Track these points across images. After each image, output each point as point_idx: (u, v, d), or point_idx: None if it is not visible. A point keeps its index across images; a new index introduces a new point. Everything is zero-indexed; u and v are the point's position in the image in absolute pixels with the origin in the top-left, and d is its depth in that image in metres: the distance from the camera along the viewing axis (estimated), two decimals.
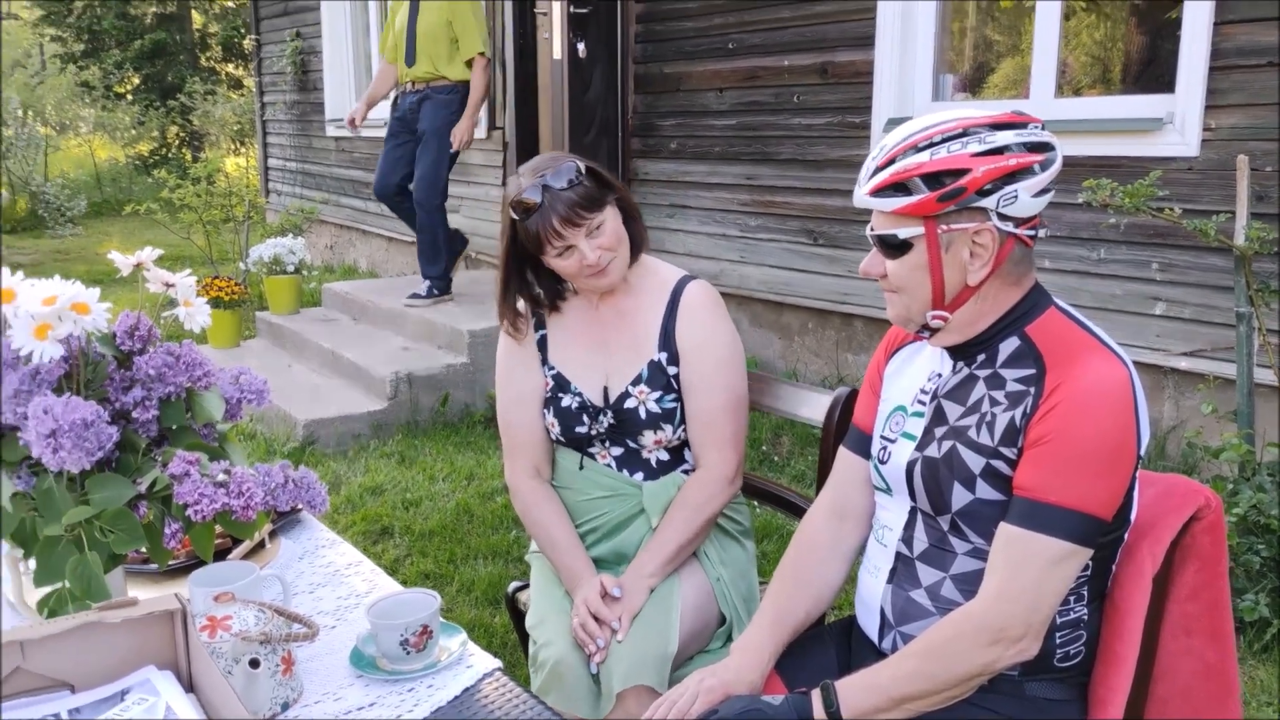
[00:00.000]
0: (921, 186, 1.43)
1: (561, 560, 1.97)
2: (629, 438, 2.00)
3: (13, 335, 1.30)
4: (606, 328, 2.04)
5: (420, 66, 5.39)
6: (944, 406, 1.56)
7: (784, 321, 4.97)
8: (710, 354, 1.99)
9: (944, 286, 1.48)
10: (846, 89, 4.48)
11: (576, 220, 1.87)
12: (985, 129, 1.44)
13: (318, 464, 4.31)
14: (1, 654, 1.11)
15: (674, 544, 1.94)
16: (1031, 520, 1.41)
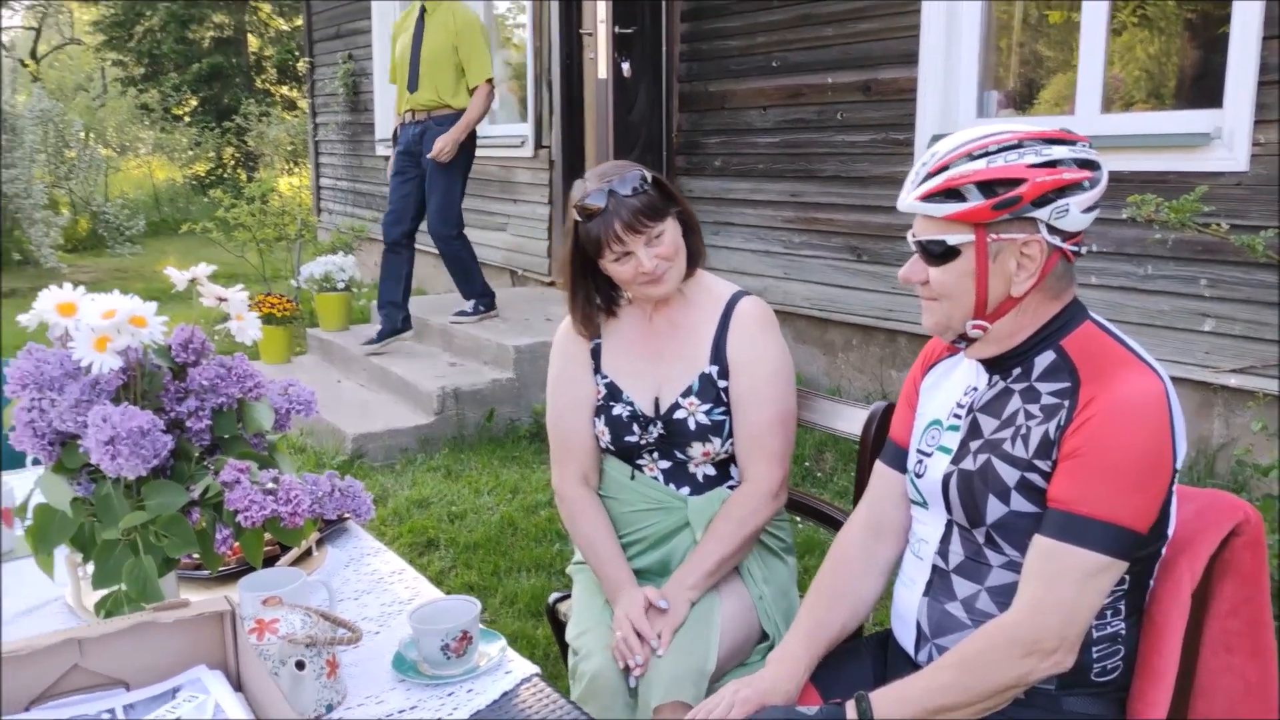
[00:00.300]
0: (976, 193, 1.44)
1: (604, 570, 2.00)
2: (677, 449, 2.03)
3: (74, 347, 1.35)
4: (660, 339, 2.06)
5: (423, 94, 5.27)
6: (979, 420, 1.57)
7: (828, 338, 4.98)
8: (760, 369, 2.01)
9: (987, 296, 1.49)
10: (890, 106, 4.49)
11: (637, 227, 1.90)
12: (1040, 142, 1.46)
13: (365, 477, 4.38)
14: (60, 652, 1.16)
15: (716, 557, 1.95)
16: (1066, 532, 1.42)
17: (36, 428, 1.37)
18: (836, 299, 4.82)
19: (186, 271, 1.55)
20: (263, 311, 5.85)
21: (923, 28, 4.29)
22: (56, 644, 1.16)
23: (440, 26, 5.23)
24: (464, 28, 5.22)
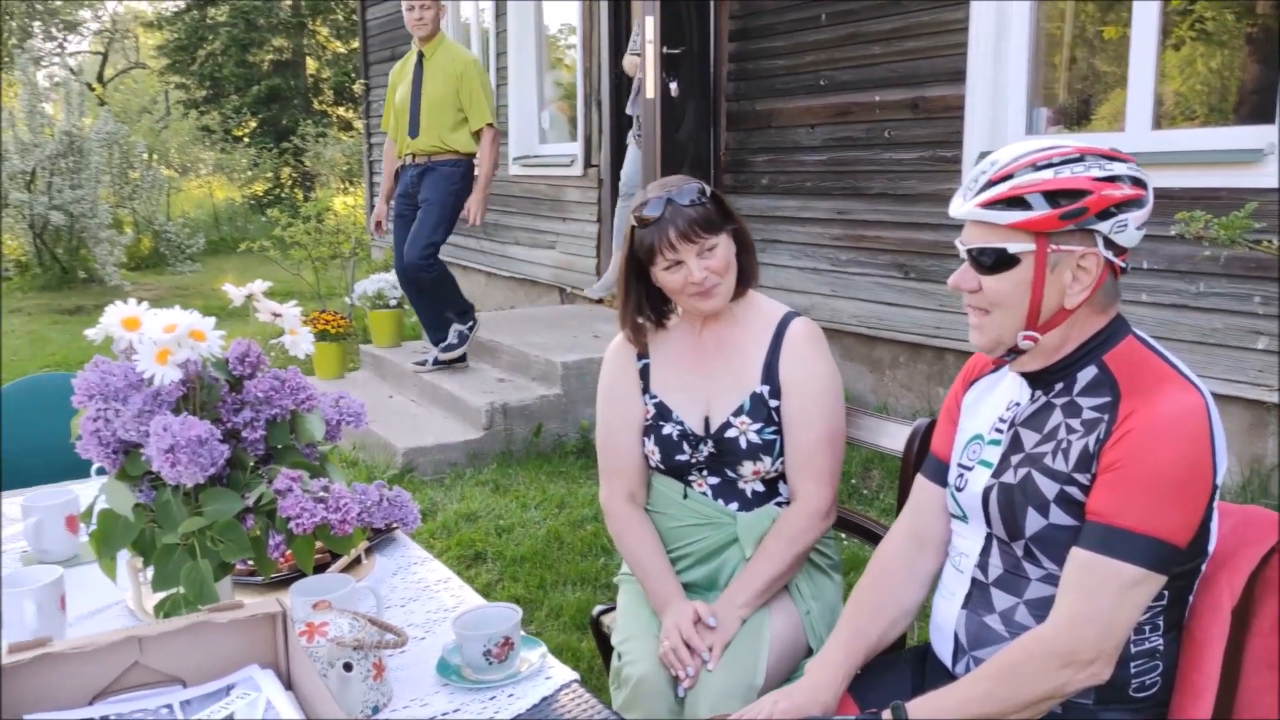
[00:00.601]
0: (1043, 203, 1.45)
1: (651, 584, 2.02)
2: (727, 467, 2.04)
3: (137, 360, 1.42)
4: (709, 357, 2.08)
5: (425, 139, 5.23)
6: (1021, 434, 1.58)
7: (875, 355, 4.97)
8: (812, 389, 2.02)
9: (1041, 306, 1.50)
10: (938, 123, 4.50)
11: (691, 237, 1.94)
12: (1100, 157, 1.48)
13: (415, 490, 4.45)
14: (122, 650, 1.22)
15: (767, 575, 1.97)
16: (1104, 545, 1.42)
17: (102, 437, 1.43)
18: (884, 316, 4.82)
19: (243, 288, 1.61)
20: (317, 328, 5.96)
21: (970, 45, 4.29)
22: (118, 642, 1.21)
23: (440, 71, 5.21)
24: (464, 71, 5.20)
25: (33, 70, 11.23)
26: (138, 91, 20.18)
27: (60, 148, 10.31)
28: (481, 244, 8.31)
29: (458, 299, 5.46)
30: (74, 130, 10.46)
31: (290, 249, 7.74)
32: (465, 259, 8.66)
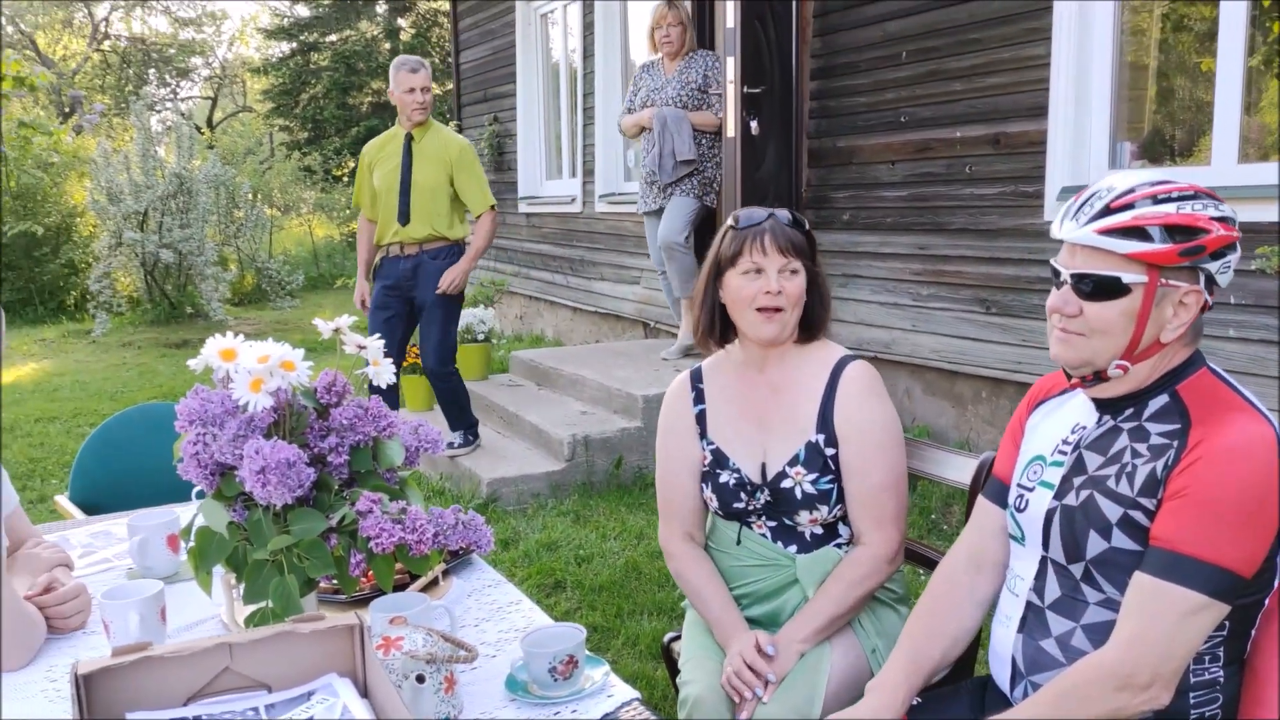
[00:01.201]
0: (1163, 236, 1.47)
1: (714, 616, 2.06)
2: (785, 515, 2.07)
3: (233, 388, 1.54)
4: (765, 404, 2.10)
5: (416, 227, 4.98)
6: (1085, 457, 1.59)
7: (957, 390, 4.95)
8: (870, 437, 2.02)
9: (1141, 337, 1.51)
10: (1019, 159, 4.49)
11: (783, 249, 1.98)
12: (1209, 198, 1.50)
13: (499, 520, 4.56)
14: (214, 655, 1.32)
15: (827, 615, 1.99)
16: (1167, 571, 1.43)
17: (200, 459, 1.55)
18: (965, 351, 4.80)
19: (331, 322, 1.72)
20: (407, 362, 6.15)
21: (1052, 81, 4.28)
22: (211, 648, 1.32)
23: (431, 156, 5.01)
24: (459, 157, 5.03)
25: (147, 116, 11.80)
26: (244, 134, 21.00)
27: (171, 189, 10.80)
28: (568, 279, 8.47)
29: (467, 413, 5.33)
30: (184, 172, 10.95)
31: None
32: (551, 294, 8.83)
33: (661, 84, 5.62)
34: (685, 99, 5.54)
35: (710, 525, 2.20)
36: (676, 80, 5.58)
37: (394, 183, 5.01)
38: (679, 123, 5.48)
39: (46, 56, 24.54)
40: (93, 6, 26.10)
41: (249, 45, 27.79)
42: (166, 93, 27.05)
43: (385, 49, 20.31)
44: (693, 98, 5.55)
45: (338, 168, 19.52)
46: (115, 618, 1.69)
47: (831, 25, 5.45)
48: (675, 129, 5.47)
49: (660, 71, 5.68)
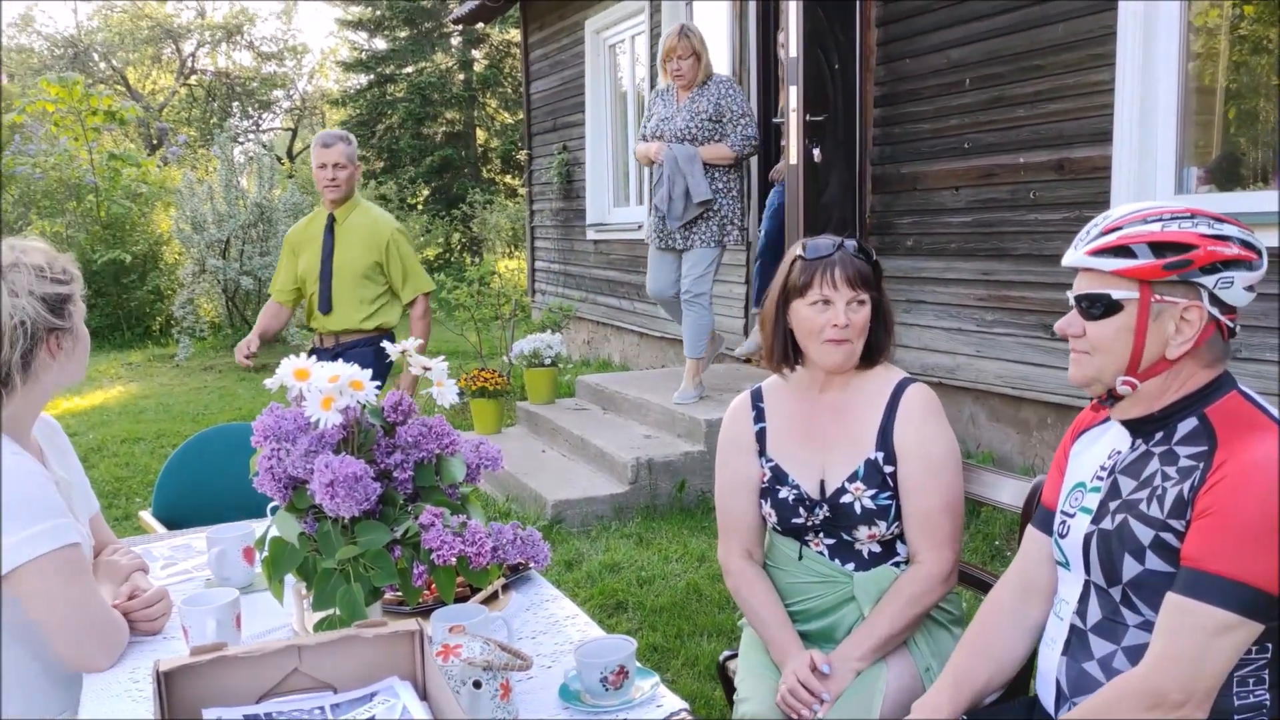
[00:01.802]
0: (1147, 252, 1.52)
1: (770, 634, 2.10)
2: (843, 531, 2.10)
3: (305, 405, 1.63)
4: (824, 423, 2.15)
5: (339, 316, 4.50)
6: (1119, 481, 1.62)
7: (1022, 416, 4.92)
8: (929, 457, 2.06)
9: (1142, 354, 1.55)
10: (1084, 184, 4.47)
11: (852, 283, 2.04)
12: (1208, 219, 1.53)
13: (563, 541, 4.64)
14: (284, 657, 1.41)
15: (884, 633, 2.02)
16: (1195, 589, 1.46)
17: (275, 473, 1.64)
18: (1029, 377, 4.78)
19: (398, 345, 1.82)
20: (476, 385, 6.28)
21: (1116, 106, 4.27)
22: (281, 650, 1.40)
23: (356, 237, 4.52)
24: (391, 239, 4.54)
25: (230, 147, 12.21)
26: None
27: (251, 218, 11.15)
28: (634, 305, 8.56)
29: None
30: (264, 201, 11.30)
31: (454, 310, 8.15)
32: (618, 320, 8.93)
33: (671, 113, 5.37)
34: (695, 130, 5.27)
35: (769, 543, 2.24)
36: (686, 110, 5.31)
37: (315, 268, 4.55)
38: (690, 161, 5.22)
39: (136, 91, 25.51)
40: (181, 43, 27.08)
41: (328, 78, 28.59)
42: (249, 124, 27.91)
43: (459, 80, 20.76)
44: (703, 129, 5.28)
45: (412, 196, 19.94)
46: (194, 622, 1.79)
47: (895, 53, 5.49)
48: (687, 168, 5.21)
49: (673, 99, 5.43)
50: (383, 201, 18.63)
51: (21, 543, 1.76)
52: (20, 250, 1.93)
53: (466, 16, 11.55)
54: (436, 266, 17.56)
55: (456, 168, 20.41)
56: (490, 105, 21.47)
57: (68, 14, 36.43)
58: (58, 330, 1.92)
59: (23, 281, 1.89)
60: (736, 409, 2.26)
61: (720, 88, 5.32)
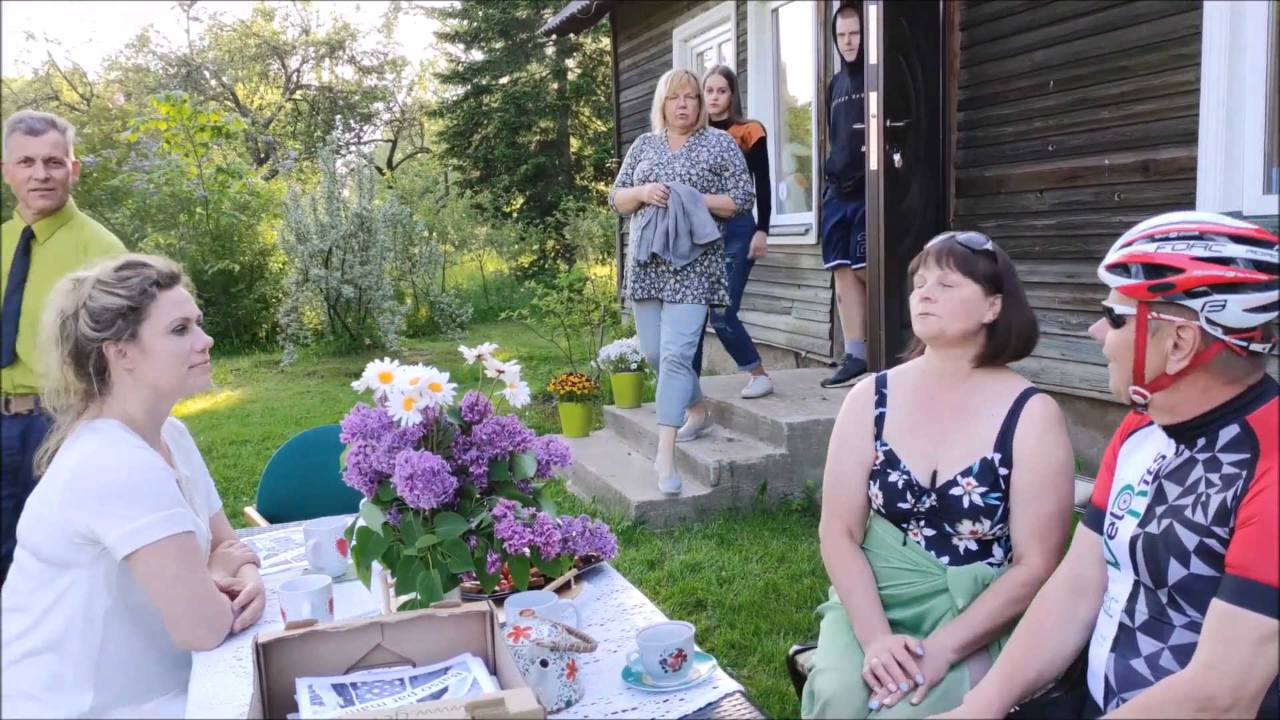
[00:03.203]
0: (1140, 272, 1.58)
1: (859, 611, 2.15)
2: (946, 523, 2.16)
3: (389, 406, 1.77)
4: (944, 417, 2.21)
5: (24, 370, 3.35)
6: (1165, 487, 1.67)
7: (1109, 420, 4.88)
8: (1048, 465, 2.11)
9: (1144, 367, 1.61)
10: (1169, 186, 4.43)
11: (941, 262, 2.15)
12: (1223, 238, 1.55)
13: (646, 542, 4.75)
14: (368, 633, 1.55)
15: (982, 628, 2.06)
16: (1240, 597, 1.49)
17: (361, 468, 1.79)
18: None
19: (474, 349, 1.95)
20: (565, 390, 6.45)
21: (1202, 106, 4.23)
22: (365, 627, 1.54)
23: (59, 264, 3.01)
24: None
25: (333, 159, 12.65)
26: (421, 174, 22.10)
27: (352, 228, 11.54)
28: None
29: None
30: (364, 212, 11.68)
31: (545, 317, 8.35)
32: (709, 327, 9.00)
33: (667, 159, 4.95)
34: (695, 178, 4.90)
35: (869, 527, 2.29)
36: (684, 158, 4.94)
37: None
38: (694, 201, 4.84)
39: (244, 106, 26.48)
40: (286, 59, 28.03)
41: (426, 90, 29.27)
42: (351, 137, 28.74)
43: (553, 89, 21.09)
44: (703, 179, 4.91)
45: (507, 204, 20.32)
46: (290, 605, 1.95)
47: (978, 57, 5.49)
48: (691, 207, 4.83)
49: (665, 146, 5.00)
50: (478, 210, 19.02)
51: (140, 529, 1.93)
52: (81, 274, 2.08)
53: (558, 27, 11.79)
54: (530, 274, 17.89)
55: (550, 176, 20.73)
56: (583, 114, 21.76)
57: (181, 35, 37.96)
58: (108, 341, 2.03)
59: (72, 301, 2.04)
60: (860, 391, 2.35)
61: (722, 141, 5.00)
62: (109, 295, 2.04)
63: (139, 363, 2.06)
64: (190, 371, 2.12)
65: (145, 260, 2.11)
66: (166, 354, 2.08)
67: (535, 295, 8.40)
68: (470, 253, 18.92)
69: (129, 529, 1.93)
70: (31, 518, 2.02)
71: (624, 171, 5.13)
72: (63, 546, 1.97)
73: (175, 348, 2.09)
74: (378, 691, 1.47)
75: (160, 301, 2.07)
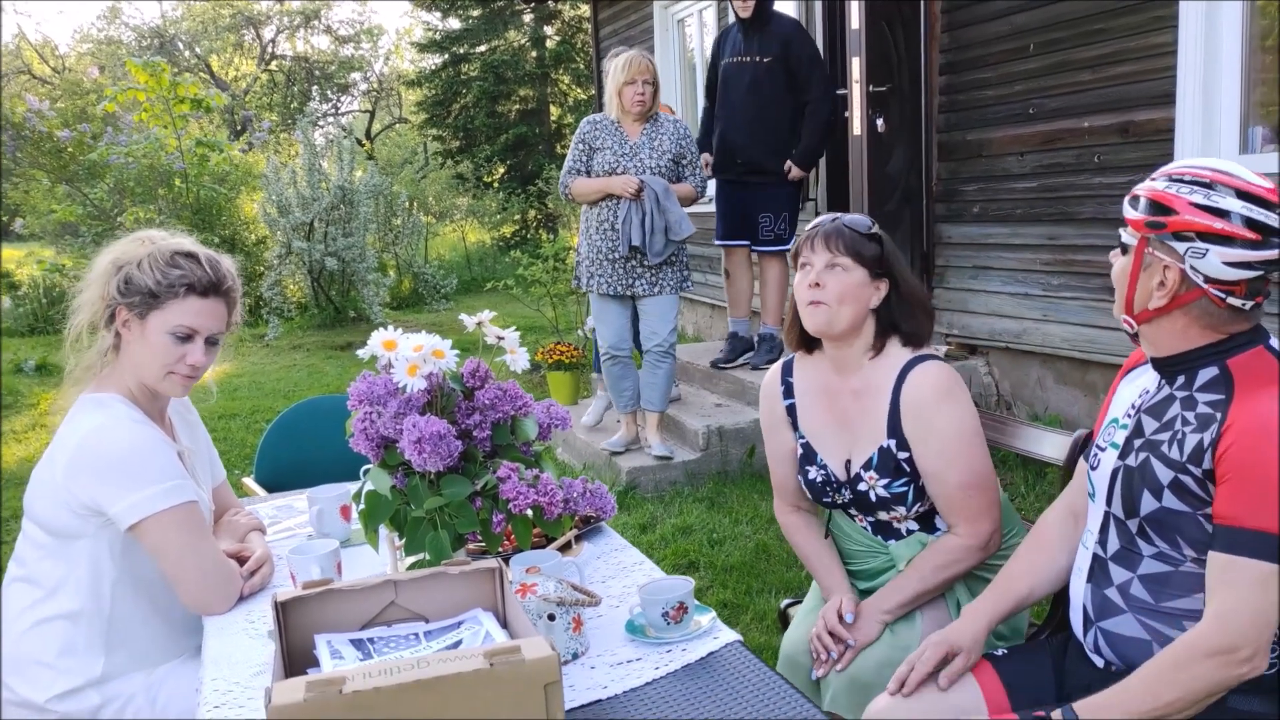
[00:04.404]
0: (1145, 207, 1.62)
1: (820, 576, 2.26)
2: (868, 513, 2.20)
3: (394, 373, 1.82)
4: (847, 404, 2.18)
5: None
6: (1143, 421, 1.73)
7: (1089, 379, 4.96)
8: (941, 438, 2.06)
9: (1134, 297, 1.67)
10: (1148, 146, 4.49)
11: (828, 246, 2.08)
12: (1229, 191, 1.58)
13: (638, 506, 4.83)
14: (382, 591, 1.60)
15: (914, 591, 2.11)
16: (1236, 546, 1.54)
17: (368, 433, 1.84)
18: (1095, 340, 4.82)
19: (474, 316, 2.00)
20: (553, 359, 6.49)
21: (1179, 67, 4.28)
22: (379, 584, 1.60)
23: None
24: None
25: (311, 131, 12.58)
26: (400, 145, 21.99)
27: (334, 200, 11.50)
28: (706, 278, 8.69)
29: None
30: (346, 184, 11.64)
31: (530, 286, 8.38)
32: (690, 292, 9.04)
33: (630, 149, 4.85)
34: (662, 169, 4.86)
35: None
36: (647, 147, 4.86)
37: None
38: (668, 196, 4.79)
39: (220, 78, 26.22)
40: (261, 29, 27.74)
41: (403, 59, 29.06)
42: (328, 108, 28.53)
43: (532, 57, 20.95)
44: (668, 170, 4.88)
45: (488, 174, 20.24)
46: (300, 569, 2.00)
47: (959, 21, 5.52)
48: (667, 203, 4.77)
49: (622, 134, 4.89)
50: (460, 180, 18.92)
51: (143, 500, 1.98)
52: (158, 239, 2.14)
53: None
54: (513, 243, 17.85)
55: (531, 145, 20.64)
56: (563, 81, 21.64)
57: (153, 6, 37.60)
58: (122, 306, 2.08)
59: (128, 257, 2.09)
60: (768, 383, 2.32)
61: (679, 128, 4.96)
62: (147, 273, 2.08)
63: (134, 342, 2.10)
64: (168, 376, 2.11)
65: (202, 261, 2.12)
66: (156, 349, 2.09)
67: (520, 265, 8.42)
68: (452, 223, 18.86)
69: (131, 501, 1.97)
70: (37, 490, 2.06)
71: (576, 158, 4.94)
72: (69, 518, 2.01)
73: (166, 349, 2.09)
74: (394, 646, 1.53)
75: (183, 303, 2.09)
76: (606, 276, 4.95)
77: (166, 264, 2.09)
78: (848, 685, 2.07)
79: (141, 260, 2.08)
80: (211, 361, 2.17)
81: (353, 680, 1.25)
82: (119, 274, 2.08)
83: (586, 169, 4.92)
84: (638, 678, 1.69)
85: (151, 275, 2.07)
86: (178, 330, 2.09)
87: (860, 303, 2.10)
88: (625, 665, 1.73)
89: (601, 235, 4.91)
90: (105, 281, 2.10)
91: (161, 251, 2.10)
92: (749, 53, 5.47)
